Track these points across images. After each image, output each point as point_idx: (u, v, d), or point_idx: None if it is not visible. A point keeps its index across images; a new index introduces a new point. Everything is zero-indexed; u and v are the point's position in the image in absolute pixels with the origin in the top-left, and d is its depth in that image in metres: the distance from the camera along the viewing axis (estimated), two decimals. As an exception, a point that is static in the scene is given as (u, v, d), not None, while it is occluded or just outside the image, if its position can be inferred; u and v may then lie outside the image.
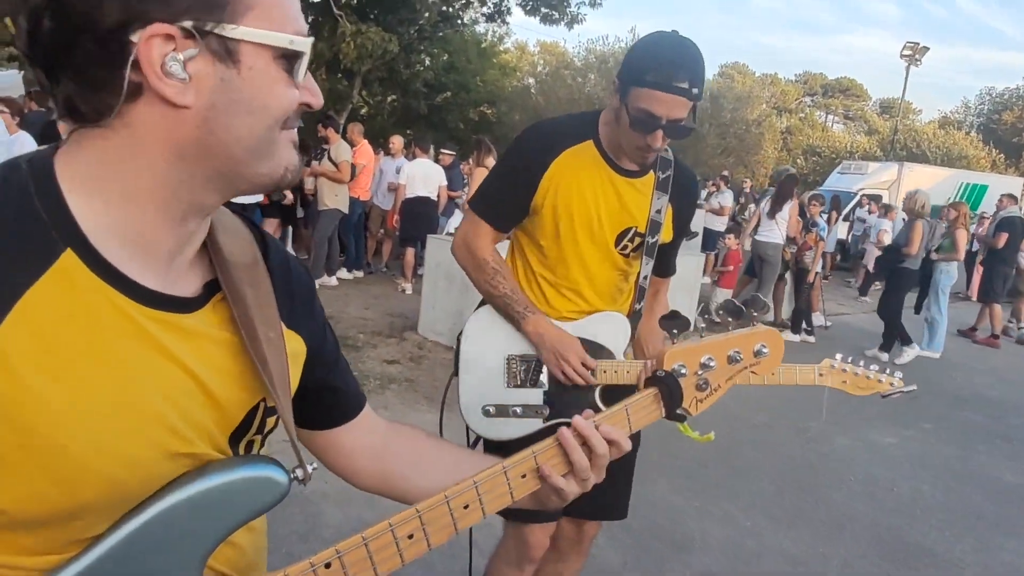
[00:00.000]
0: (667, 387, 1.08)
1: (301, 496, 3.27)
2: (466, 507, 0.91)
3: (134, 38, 0.65)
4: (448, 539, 0.91)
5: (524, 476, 0.96)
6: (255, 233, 0.91)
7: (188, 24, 0.66)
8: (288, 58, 0.72)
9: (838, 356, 2.03)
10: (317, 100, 0.77)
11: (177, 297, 0.77)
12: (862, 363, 2.05)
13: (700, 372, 1.13)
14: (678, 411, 1.10)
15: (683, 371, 1.12)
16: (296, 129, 0.77)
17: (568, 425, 1.00)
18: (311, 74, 0.78)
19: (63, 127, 0.74)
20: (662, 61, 1.74)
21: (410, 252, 8.59)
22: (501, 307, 2.01)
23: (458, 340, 2.08)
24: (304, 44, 0.73)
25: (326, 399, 1.02)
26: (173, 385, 0.75)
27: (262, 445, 0.90)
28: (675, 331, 1.30)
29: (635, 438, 2.23)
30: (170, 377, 0.74)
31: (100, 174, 0.71)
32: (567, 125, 2.02)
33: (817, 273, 8.59)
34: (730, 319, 1.24)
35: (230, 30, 0.68)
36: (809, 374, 2.02)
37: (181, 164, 0.71)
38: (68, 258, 0.68)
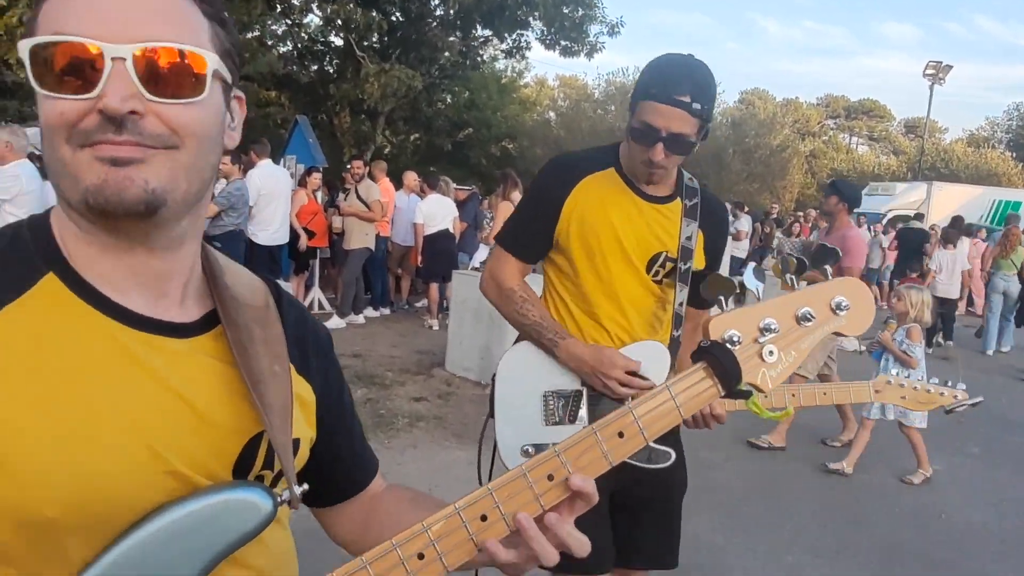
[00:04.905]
0: (716, 359, 0.90)
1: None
2: (421, 557, 0.80)
3: None
4: None
5: (484, 518, 0.83)
6: (271, 286, 0.93)
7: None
8: (43, 65, 0.67)
9: (893, 371, 1.94)
10: (107, 102, 0.67)
11: (167, 322, 0.77)
12: (920, 376, 1.96)
13: (761, 339, 0.93)
14: (741, 387, 0.91)
15: (736, 339, 0.92)
16: (108, 143, 0.68)
17: None
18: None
19: None
20: (665, 75, 1.79)
21: (434, 288, 8.62)
22: (533, 336, 1.98)
23: (492, 381, 2.05)
24: (21, 48, 0.67)
25: (335, 473, 0.99)
26: (157, 405, 0.74)
27: (274, 484, 0.86)
28: (721, 296, 1.08)
29: (682, 481, 2.15)
30: (154, 397, 0.74)
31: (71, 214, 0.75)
32: (588, 154, 2.03)
33: None
34: (791, 276, 1.02)
35: (23, 47, 0.68)
36: (864, 391, 1.93)
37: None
38: (50, 281, 0.72)
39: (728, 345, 0.92)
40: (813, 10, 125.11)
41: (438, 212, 8.57)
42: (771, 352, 0.93)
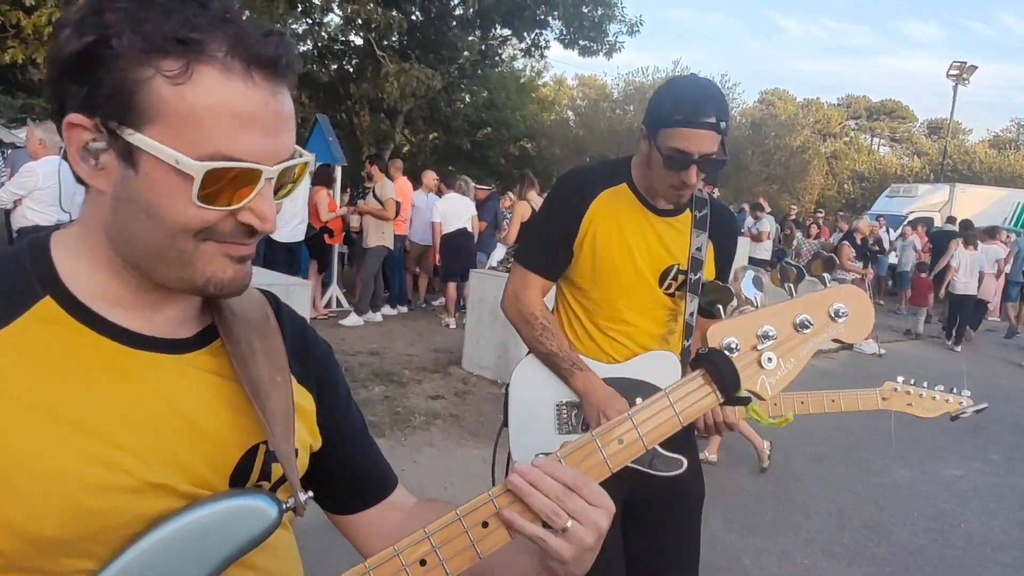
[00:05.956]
0: (714, 365, 0.91)
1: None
2: (423, 563, 0.81)
3: (64, 121, 0.72)
4: None
5: (486, 525, 0.83)
6: (270, 299, 0.96)
7: (98, 120, 0.71)
8: (210, 185, 0.71)
9: (899, 378, 1.96)
10: (262, 224, 0.75)
11: (164, 339, 0.80)
12: (926, 383, 1.97)
13: (759, 346, 0.94)
14: (740, 394, 0.92)
15: (735, 346, 0.93)
16: (240, 244, 0.76)
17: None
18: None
19: None
20: (686, 99, 1.79)
21: (451, 287, 8.64)
22: (548, 363, 2.01)
23: (506, 390, 2.07)
24: (194, 168, 0.69)
25: (348, 480, 1.00)
26: (153, 420, 0.76)
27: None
28: (719, 305, 1.09)
29: (699, 493, 2.12)
30: (151, 412, 0.76)
31: (79, 241, 0.78)
32: (601, 169, 2.06)
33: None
34: (789, 284, 1.02)
35: (128, 134, 0.70)
36: (871, 398, 1.94)
37: (111, 243, 0.76)
38: (47, 304, 0.75)
39: (726, 352, 0.93)
40: (833, 8, 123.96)
41: (456, 211, 8.59)
42: (770, 359, 0.95)
